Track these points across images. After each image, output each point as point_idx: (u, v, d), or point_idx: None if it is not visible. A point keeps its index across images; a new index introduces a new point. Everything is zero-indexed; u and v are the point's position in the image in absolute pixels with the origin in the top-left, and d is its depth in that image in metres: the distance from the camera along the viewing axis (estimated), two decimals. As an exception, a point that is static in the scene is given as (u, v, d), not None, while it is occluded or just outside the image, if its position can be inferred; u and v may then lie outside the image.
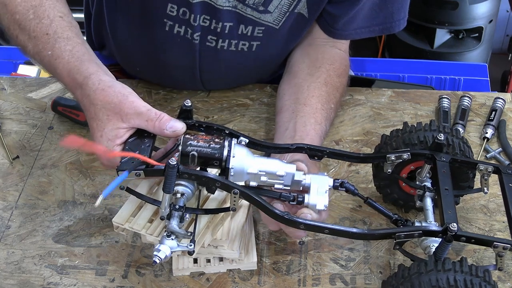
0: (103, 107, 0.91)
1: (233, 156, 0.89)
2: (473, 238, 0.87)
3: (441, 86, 1.66)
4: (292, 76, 1.23)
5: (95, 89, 0.93)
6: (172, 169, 0.84)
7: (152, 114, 0.91)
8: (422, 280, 0.81)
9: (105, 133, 0.91)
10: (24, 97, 1.33)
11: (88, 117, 0.94)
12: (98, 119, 0.92)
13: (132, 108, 0.91)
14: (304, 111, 1.14)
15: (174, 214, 0.88)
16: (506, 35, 2.94)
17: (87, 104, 0.94)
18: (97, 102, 0.92)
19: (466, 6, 2.36)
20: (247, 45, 1.24)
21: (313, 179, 0.92)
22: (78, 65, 0.97)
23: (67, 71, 0.97)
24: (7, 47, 1.72)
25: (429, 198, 0.98)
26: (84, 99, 0.94)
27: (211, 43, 1.23)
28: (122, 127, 0.91)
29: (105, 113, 0.91)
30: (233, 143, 0.90)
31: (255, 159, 0.91)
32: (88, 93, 0.93)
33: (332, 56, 1.26)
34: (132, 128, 0.92)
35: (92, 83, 0.94)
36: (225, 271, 0.99)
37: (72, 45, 1.00)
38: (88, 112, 0.94)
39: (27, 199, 1.11)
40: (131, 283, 0.98)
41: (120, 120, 0.91)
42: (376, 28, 1.26)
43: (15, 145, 1.21)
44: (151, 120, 0.90)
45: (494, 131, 1.24)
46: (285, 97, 1.21)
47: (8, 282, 0.97)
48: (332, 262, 1.01)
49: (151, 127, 0.91)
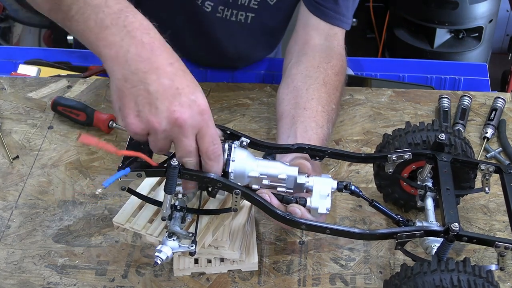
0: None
1: (233, 160, 0.88)
2: (475, 238, 0.87)
3: (441, 86, 1.65)
4: (290, 80, 1.22)
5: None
6: (173, 170, 0.84)
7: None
8: (425, 280, 0.81)
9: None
10: (24, 97, 1.33)
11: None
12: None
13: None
14: (304, 116, 1.12)
15: (175, 214, 0.88)
16: (506, 35, 2.94)
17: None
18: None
19: (466, 6, 2.36)
20: (244, 15, 1.28)
21: (316, 182, 0.92)
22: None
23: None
24: (7, 47, 1.72)
25: (431, 198, 0.98)
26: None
27: (220, 13, 1.29)
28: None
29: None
30: (233, 146, 0.89)
31: (256, 161, 0.91)
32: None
33: (328, 54, 1.25)
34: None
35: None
36: (226, 271, 0.99)
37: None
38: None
39: (27, 199, 1.11)
40: (131, 283, 0.97)
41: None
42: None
43: (15, 145, 1.21)
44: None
45: (494, 131, 1.24)
46: (284, 102, 1.19)
47: (8, 282, 0.97)
48: (332, 262, 1.01)
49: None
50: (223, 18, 1.33)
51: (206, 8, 1.30)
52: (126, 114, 0.81)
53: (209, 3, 1.30)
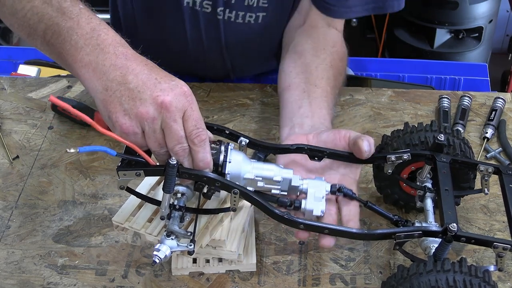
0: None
1: (229, 161, 0.89)
2: (473, 238, 0.87)
3: (441, 86, 1.66)
4: (297, 56, 1.21)
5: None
6: (172, 169, 0.84)
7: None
8: (421, 281, 0.81)
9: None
10: (24, 97, 1.33)
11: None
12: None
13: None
14: (317, 93, 1.12)
15: (174, 214, 0.88)
16: (506, 35, 2.94)
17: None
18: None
19: (466, 6, 2.36)
20: (254, 16, 1.25)
21: (310, 184, 0.93)
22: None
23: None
24: (7, 47, 1.72)
25: (430, 199, 0.98)
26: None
27: (220, 15, 1.24)
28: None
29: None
30: (229, 148, 0.90)
31: (252, 164, 0.91)
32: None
33: (332, 39, 1.25)
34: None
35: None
36: (225, 272, 0.99)
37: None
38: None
39: (27, 199, 1.11)
40: (131, 283, 0.98)
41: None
42: (369, 6, 1.25)
43: (15, 145, 1.21)
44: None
45: (494, 131, 1.24)
46: (292, 74, 1.18)
47: (8, 282, 0.97)
48: (332, 262, 1.01)
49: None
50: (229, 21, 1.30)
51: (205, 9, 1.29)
52: (115, 117, 0.82)
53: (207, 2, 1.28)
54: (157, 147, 0.85)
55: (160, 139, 0.84)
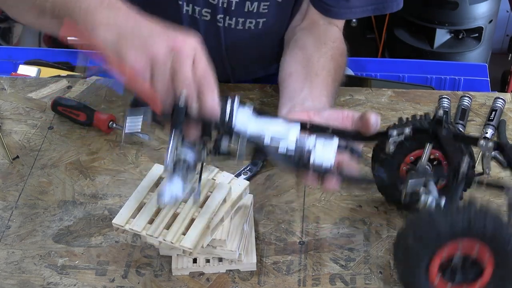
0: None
1: (235, 116, 0.88)
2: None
3: (441, 86, 1.66)
4: (299, 49, 1.23)
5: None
6: (180, 111, 0.84)
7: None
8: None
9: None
10: (24, 97, 1.33)
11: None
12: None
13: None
14: (317, 81, 1.13)
15: (178, 170, 0.88)
16: (506, 35, 2.93)
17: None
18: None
19: (466, 6, 2.36)
20: (254, 22, 1.25)
21: (318, 139, 0.91)
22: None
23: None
24: (7, 47, 1.73)
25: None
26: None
27: (220, 22, 1.25)
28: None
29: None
30: (236, 100, 0.88)
31: (258, 118, 0.90)
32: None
33: (333, 35, 1.26)
34: None
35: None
36: (225, 272, 0.99)
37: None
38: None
39: (27, 199, 1.11)
40: (131, 283, 0.98)
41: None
42: (369, 7, 1.26)
43: (15, 145, 1.21)
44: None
45: (494, 131, 1.24)
46: (293, 64, 1.19)
47: (8, 282, 0.97)
48: (332, 262, 1.01)
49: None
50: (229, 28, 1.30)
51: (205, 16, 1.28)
52: (125, 53, 0.84)
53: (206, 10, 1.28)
54: (164, 91, 0.85)
55: (165, 81, 0.85)
